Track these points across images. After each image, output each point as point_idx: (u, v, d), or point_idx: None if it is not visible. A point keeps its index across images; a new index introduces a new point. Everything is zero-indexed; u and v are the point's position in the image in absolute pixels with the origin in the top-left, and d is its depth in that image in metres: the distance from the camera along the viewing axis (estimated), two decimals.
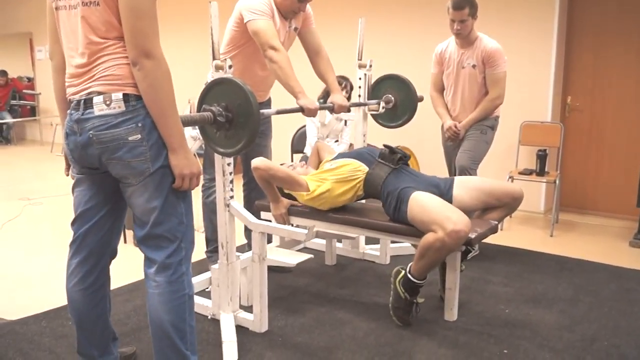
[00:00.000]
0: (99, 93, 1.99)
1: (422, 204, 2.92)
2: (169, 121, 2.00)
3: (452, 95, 4.39)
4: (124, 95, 1.98)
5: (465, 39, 4.17)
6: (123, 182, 2.09)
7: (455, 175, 4.23)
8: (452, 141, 4.39)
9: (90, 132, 2.01)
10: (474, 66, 4.19)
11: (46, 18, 2.22)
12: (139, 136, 1.99)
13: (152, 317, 2.17)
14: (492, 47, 4.13)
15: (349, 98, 5.01)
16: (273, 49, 3.17)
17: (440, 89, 4.50)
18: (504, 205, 3.25)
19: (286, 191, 3.37)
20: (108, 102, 1.98)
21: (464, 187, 3.24)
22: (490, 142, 4.31)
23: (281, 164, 3.60)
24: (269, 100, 3.79)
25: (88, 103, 2.00)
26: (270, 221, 3.37)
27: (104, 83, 1.99)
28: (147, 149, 2.01)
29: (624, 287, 3.73)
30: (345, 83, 5.27)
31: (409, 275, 3.03)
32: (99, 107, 1.99)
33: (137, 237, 2.16)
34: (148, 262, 2.16)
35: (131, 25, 1.91)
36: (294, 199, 3.37)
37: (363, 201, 3.51)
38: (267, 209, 3.49)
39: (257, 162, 3.25)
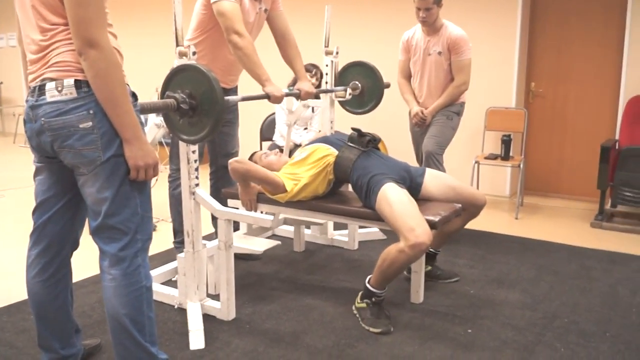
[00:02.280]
0: (52, 79, 1.96)
1: (390, 202, 2.89)
2: (119, 111, 1.96)
3: (419, 81, 4.43)
4: (76, 81, 1.95)
5: (431, 27, 4.21)
6: (75, 171, 2.05)
7: (422, 159, 4.28)
8: (419, 127, 4.44)
9: (42, 118, 1.98)
10: (439, 53, 4.23)
11: (6, 5, 2.19)
12: (90, 123, 1.96)
13: (109, 311, 2.14)
14: (458, 35, 4.18)
15: (319, 86, 5.01)
16: (237, 34, 3.13)
17: (408, 76, 4.54)
18: (465, 211, 3.23)
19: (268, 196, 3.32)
20: (60, 89, 1.95)
21: (434, 178, 3.26)
22: (456, 127, 4.37)
23: (254, 153, 3.59)
24: (236, 88, 3.77)
25: (41, 89, 1.98)
26: (237, 208, 3.37)
27: (56, 69, 1.96)
28: (98, 137, 1.97)
29: (584, 266, 3.83)
30: (315, 71, 5.27)
31: (369, 286, 3.01)
32: (50, 94, 1.96)
33: (90, 228, 2.11)
34: (102, 254, 2.12)
35: (74, 14, 1.88)
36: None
37: None
38: (234, 197, 3.49)
39: (235, 164, 3.19)
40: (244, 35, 3.15)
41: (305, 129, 5.40)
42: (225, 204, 3.38)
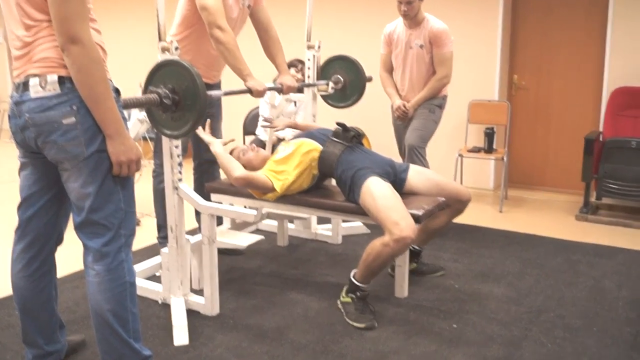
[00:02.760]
0: (35, 75, 1.97)
1: (374, 196, 2.89)
2: (102, 107, 1.96)
3: (401, 75, 4.43)
4: (59, 77, 1.96)
5: (413, 20, 4.21)
6: (59, 166, 2.06)
7: (405, 153, 4.27)
8: (402, 120, 4.43)
9: (26, 114, 1.99)
10: (421, 46, 4.23)
11: None
12: (73, 119, 1.96)
13: (93, 306, 2.14)
14: (439, 28, 4.18)
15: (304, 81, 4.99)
16: (220, 29, 3.13)
17: (390, 69, 4.54)
18: (450, 207, 3.23)
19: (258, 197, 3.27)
20: (43, 85, 1.95)
21: (418, 173, 3.25)
22: (439, 120, 4.37)
23: (233, 149, 3.56)
24: (219, 83, 3.75)
25: (25, 85, 1.99)
26: (220, 203, 3.35)
27: (39, 66, 1.97)
28: (82, 132, 1.98)
29: (569, 259, 3.84)
30: (301, 66, 5.22)
31: (354, 280, 3.00)
32: (34, 90, 1.96)
33: (74, 223, 2.12)
34: (86, 250, 2.13)
35: (56, 10, 1.87)
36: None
37: None
38: (218, 191, 3.47)
39: (239, 174, 3.07)
40: (227, 30, 3.14)
41: None
42: (208, 199, 3.36)
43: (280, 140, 5.00)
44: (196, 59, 3.32)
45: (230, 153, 3.50)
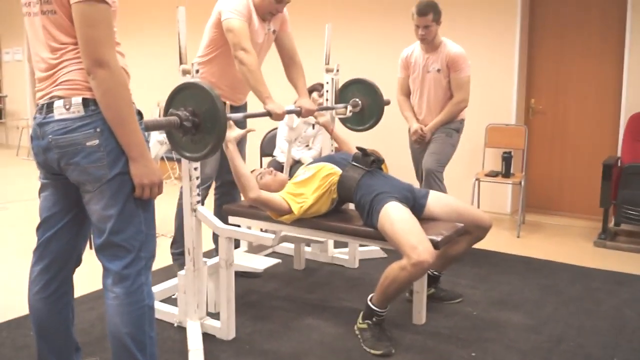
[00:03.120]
0: (60, 97, 1.98)
1: (392, 220, 2.87)
2: (127, 130, 1.98)
3: (418, 98, 4.43)
4: (84, 99, 1.96)
5: (430, 44, 4.22)
6: (81, 188, 2.06)
7: (422, 177, 4.25)
8: (419, 144, 4.42)
9: (50, 136, 1.99)
10: (438, 70, 4.24)
11: (13, 21, 2.20)
12: (96, 141, 1.97)
13: (111, 329, 2.13)
14: (456, 52, 4.19)
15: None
16: (244, 50, 3.18)
17: (407, 93, 4.54)
18: (470, 233, 3.21)
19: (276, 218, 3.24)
20: (67, 107, 1.96)
21: (437, 199, 3.22)
22: (456, 144, 4.36)
23: (251, 171, 3.55)
24: (245, 105, 3.77)
25: (50, 107, 1.99)
26: (238, 226, 3.34)
27: (64, 88, 1.98)
28: (105, 154, 1.98)
29: (589, 287, 3.79)
30: (323, 90, 5.25)
31: (370, 304, 2.97)
32: (58, 111, 1.97)
33: (95, 245, 2.12)
34: (106, 272, 2.12)
35: (84, 34, 1.89)
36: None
37: None
38: (235, 214, 3.46)
39: (255, 195, 3.07)
40: (250, 52, 3.19)
41: (307, 146, 5.37)
42: (226, 220, 3.35)
43: (296, 162, 5.03)
44: (221, 81, 3.38)
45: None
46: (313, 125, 5.13)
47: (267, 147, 5.71)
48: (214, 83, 3.35)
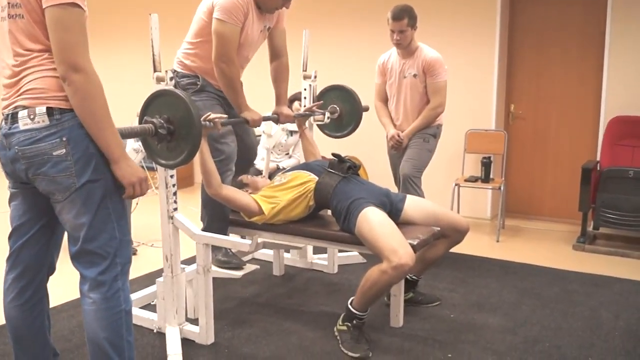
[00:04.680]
0: (24, 107, 1.97)
1: (371, 225, 2.90)
2: (106, 133, 1.98)
3: (395, 104, 4.46)
4: (48, 109, 1.96)
5: (406, 49, 4.25)
6: (52, 198, 2.06)
7: (400, 182, 4.28)
8: (396, 150, 4.45)
9: (16, 147, 1.99)
10: (415, 76, 4.27)
11: None
12: (63, 150, 1.97)
13: (89, 334, 2.14)
14: (432, 57, 4.22)
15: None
16: (227, 62, 3.15)
17: (384, 99, 4.57)
18: (448, 237, 3.23)
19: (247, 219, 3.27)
20: (32, 117, 1.96)
21: (414, 204, 3.25)
22: (433, 150, 4.39)
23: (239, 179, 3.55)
24: None
25: (14, 117, 1.99)
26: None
27: (28, 97, 1.97)
28: (72, 163, 1.98)
29: (566, 289, 3.83)
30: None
31: (351, 307, 2.99)
32: (23, 122, 1.97)
33: (70, 253, 2.13)
34: (82, 279, 2.13)
35: (58, 39, 1.89)
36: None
37: None
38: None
39: (219, 191, 3.08)
40: (233, 64, 3.16)
41: (287, 154, 5.40)
42: None
43: (278, 169, 5.05)
44: (211, 65, 3.27)
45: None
46: (292, 133, 5.15)
47: None
48: (204, 68, 3.31)
